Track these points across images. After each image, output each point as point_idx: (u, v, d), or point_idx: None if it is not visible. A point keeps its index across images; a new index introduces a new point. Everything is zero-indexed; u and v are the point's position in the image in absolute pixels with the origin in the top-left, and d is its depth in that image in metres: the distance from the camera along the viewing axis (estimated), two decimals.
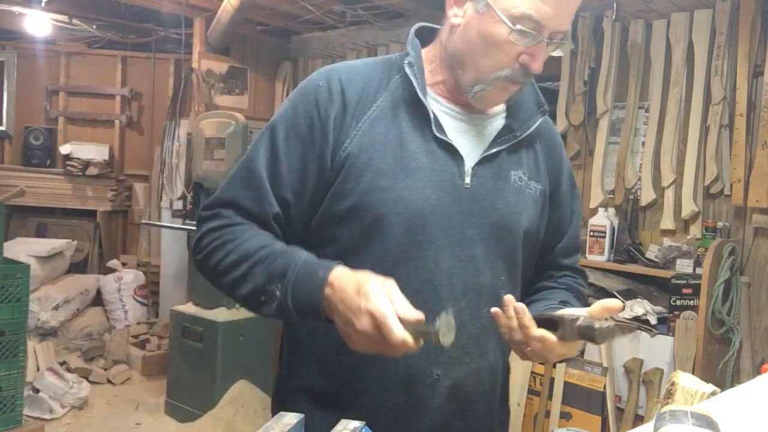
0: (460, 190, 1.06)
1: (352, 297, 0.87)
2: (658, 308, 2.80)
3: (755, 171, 2.67)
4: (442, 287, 1.04)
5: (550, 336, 0.95)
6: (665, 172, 2.96)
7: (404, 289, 0.92)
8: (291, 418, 0.72)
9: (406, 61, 1.08)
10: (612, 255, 3.00)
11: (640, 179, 3.06)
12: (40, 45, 4.97)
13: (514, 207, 1.11)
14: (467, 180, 1.07)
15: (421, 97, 1.06)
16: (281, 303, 0.94)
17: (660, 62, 2.99)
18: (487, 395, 1.14)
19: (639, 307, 2.79)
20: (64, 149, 4.93)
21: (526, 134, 1.13)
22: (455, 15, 1.07)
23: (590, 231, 3.05)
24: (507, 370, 1.22)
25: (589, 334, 0.91)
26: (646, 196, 3.02)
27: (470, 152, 1.09)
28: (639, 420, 2.76)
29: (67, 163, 4.90)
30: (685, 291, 2.68)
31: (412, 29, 1.16)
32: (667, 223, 2.94)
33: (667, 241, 2.90)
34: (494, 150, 1.10)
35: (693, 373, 0.96)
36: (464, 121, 1.11)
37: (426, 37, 1.15)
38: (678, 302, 2.70)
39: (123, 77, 5.12)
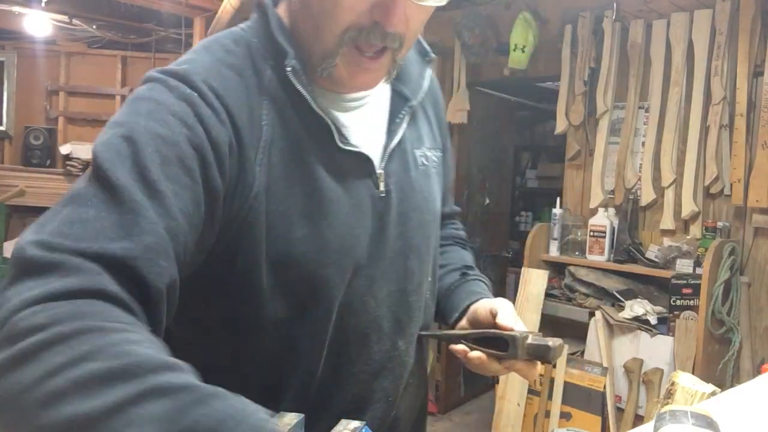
0: (377, 202, 0.85)
1: None
2: (658, 308, 2.80)
3: (755, 171, 2.67)
4: (384, 320, 0.88)
5: (485, 357, 0.87)
6: (665, 172, 2.96)
7: (347, 340, 0.83)
8: (291, 418, 0.72)
9: (289, 67, 0.76)
10: (612, 255, 3.00)
11: (640, 179, 3.06)
12: (40, 45, 4.96)
13: (429, 195, 0.94)
14: (381, 186, 0.85)
15: (317, 109, 0.78)
16: None
17: (660, 62, 2.99)
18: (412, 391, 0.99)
19: (639, 307, 2.79)
20: (64, 149, 4.93)
21: (419, 99, 0.91)
22: None
23: (590, 231, 3.05)
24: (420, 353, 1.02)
25: (541, 353, 0.85)
26: (646, 196, 3.02)
27: (372, 148, 0.86)
28: (639, 420, 2.76)
29: (67, 163, 4.90)
30: (685, 291, 2.68)
31: (256, 3, 0.84)
32: (667, 223, 2.94)
33: (667, 241, 2.90)
34: (398, 137, 0.88)
35: (693, 373, 0.96)
36: (349, 108, 0.84)
37: None
38: (678, 302, 2.70)
39: (123, 77, 5.11)
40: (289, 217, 0.76)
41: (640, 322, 2.78)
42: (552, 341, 0.85)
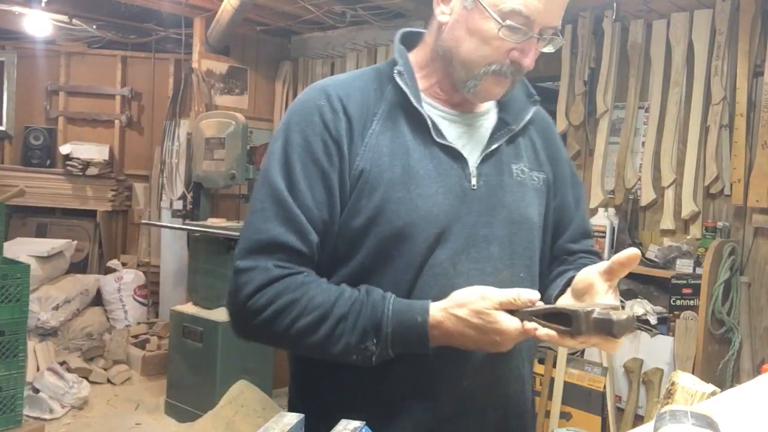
0: (468, 192, 1.06)
1: (478, 337, 0.93)
2: (658, 308, 2.80)
3: (755, 171, 2.67)
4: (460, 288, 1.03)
5: (555, 334, 0.91)
6: (665, 172, 2.96)
7: (424, 297, 0.98)
8: (291, 418, 0.72)
9: (395, 71, 1.07)
10: (612, 255, 2.99)
11: (640, 179, 3.06)
12: (40, 45, 4.96)
13: (521, 200, 1.11)
14: (473, 181, 1.06)
15: (416, 105, 1.05)
16: (380, 356, 0.96)
17: (660, 62, 2.99)
18: (519, 399, 1.13)
19: (639, 307, 2.79)
20: (64, 149, 4.93)
21: (521, 126, 1.13)
22: (442, 13, 1.06)
23: None
24: (531, 371, 1.22)
25: (606, 327, 0.83)
26: (646, 196, 3.02)
27: (471, 152, 1.09)
28: (639, 420, 2.76)
29: (67, 163, 4.90)
30: (685, 291, 2.68)
31: (397, 36, 1.15)
32: (667, 223, 2.94)
33: (667, 241, 2.90)
34: (493, 147, 1.09)
35: (693, 373, 0.96)
36: (459, 122, 1.11)
37: (412, 41, 1.15)
38: (678, 302, 2.70)
39: (123, 77, 5.12)
40: (390, 182, 1.02)
41: (640, 322, 2.78)
42: (617, 314, 0.83)
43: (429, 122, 1.05)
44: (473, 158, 1.08)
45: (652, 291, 2.94)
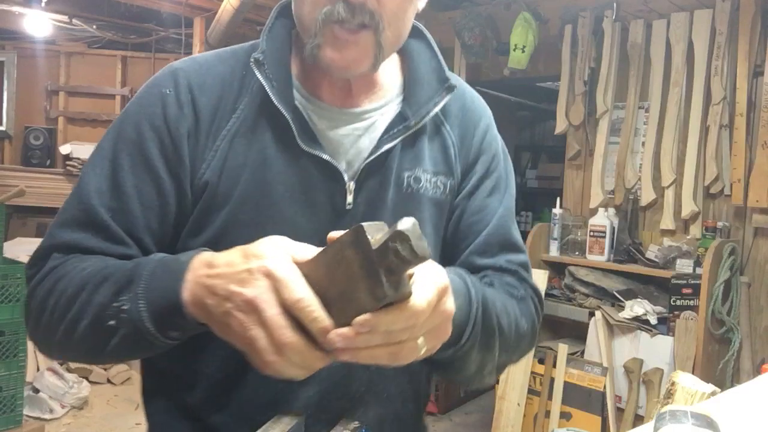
0: (341, 212, 0.85)
1: (236, 263, 0.63)
2: (658, 308, 2.80)
3: (755, 171, 2.67)
4: None
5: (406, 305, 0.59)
6: (665, 172, 2.96)
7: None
8: (291, 418, 0.72)
9: (252, 59, 0.83)
10: (612, 255, 3.00)
11: (640, 179, 3.06)
12: (40, 45, 4.96)
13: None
14: (349, 198, 0.85)
15: (276, 102, 0.82)
16: (132, 316, 0.69)
17: (660, 62, 2.99)
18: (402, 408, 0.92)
19: (639, 307, 2.79)
20: (64, 149, 4.93)
21: (423, 121, 0.88)
22: None
23: (590, 231, 3.05)
24: (421, 414, 0.98)
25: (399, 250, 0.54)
26: (646, 196, 3.02)
27: (354, 160, 0.87)
28: (639, 420, 2.77)
29: (67, 163, 4.90)
30: (685, 291, 2.69)
31: (275, 9, 0.90)
32: (667, 223, 2.94)
33: (667, 241, 2.90)
34: (381, 150, 0.86)
35: (693, 373, 0.96)
36: (344, 120, 0.88)
37: None
38: (678, 302, 2.70)
39: (123, 77, 5.11)
40: (239, 200, 0.82)
41: (640, 322, 2.78)
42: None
43: (294, 125, 0.83)
44: (354, 168, 0.86)
45: (652, 291, 2.94)
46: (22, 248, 4.15)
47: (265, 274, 0.60)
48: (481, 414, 3.96)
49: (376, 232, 0.56)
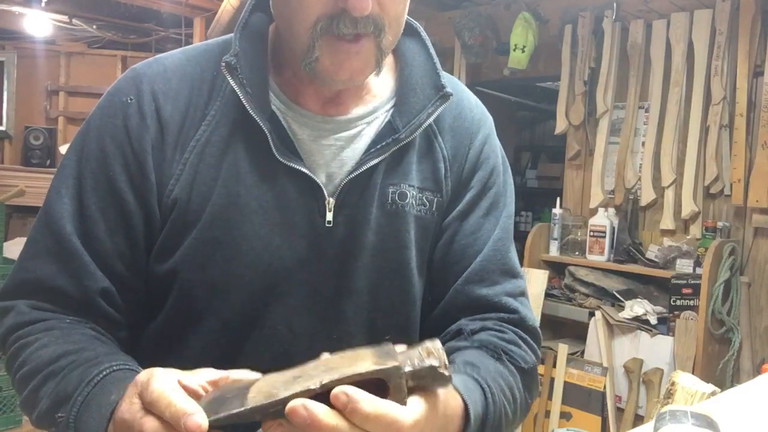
0: (320, 230, 0.78)
1: (129, 409, 0.58)
2: (658, 308, 2.80)
3: (755, 171, 2.67)
4: (300, 358, 0.69)
5: (392, 413, 0.54)
6: (665, 172, 2.96)
7: (255, 366, 0.67)
8: None
9: (223, 62, 0.75)
10: (612, 255, 3.00)
11: (640, 179, 3.06)
12: (40, 45, 4.96)
13: (393, 239, 0.81)
14: (329, 216, 0.78)
15: (250, 110, 0.75)
16: None
17: (660, 62, 2.99)
18: None
19: (639, 307, 2.79)
20: (64, 149, 4.91)
21: (414, 134, 0.81)
22: None
23: (590, 231, 3.05)
24: None
25: (435, 377, 0.56)
26: (646, 196, 3.02)
27: (335, 173, 0.80)
28: (639, 420, 2.77)
29: None
30: (685, 291, 2.69)
31: (249, 1, 0.82)
32: (667, 223, 2.94)
33: (667, 241, 2.90)
34: (366, 167, 0.78)
35: (693, 373, 0.96)
36: (328, 131, 0.80)
37: None
38: (678, 302, 2.70)
39: None
40: (211, 216, 0.76)
41: (640, 322, 2.78)
42: (436, 361, 0.56)
43: (270, 135, 0.76)
44: (336, 182, 0.79)
45: (652, 291, 2.94)
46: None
47: (147, 411, 0.56)
48: None
49: (401, 356, 0.56)
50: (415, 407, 0.56)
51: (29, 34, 4.77)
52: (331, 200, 0.78)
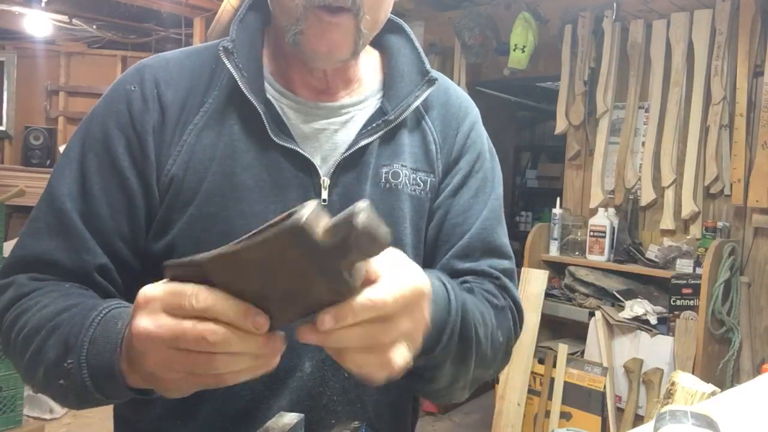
0: None
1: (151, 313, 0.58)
2: (658, 308, 2.80)
3: (755, 171, 2.67)
4: (293, 330, 0.77)
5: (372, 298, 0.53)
6: (665, 172, 2.96)
7: None
8: (291, 418, 0.72)
9: (220, 47, 0.81)
10: (612, 255, 3.00)
11: (640, 179, 3.06)
12: (40, 45, 4.96)
13: (387, 216, 0.83)
14: (324, 194, 0.82)
15: (246, 92, 0.80)
16: (78, 383, 0.66)
17: (660, 62, 2.99)
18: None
19: (639, 307, 2.79)
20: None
21: (402, 116, 0.86)
22: None
23: (590, 231, 3.05)
24: (399, 422, 0.93)
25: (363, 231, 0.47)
26: (646, 196, 3.02)
27: (329, 155, 0.84)
28: (639, 420, 2.77)
29: None
30: (685, 291, 2.69)
31: (246, 1, 0.88)
32: (667, 223, 2.94)
33: (667, 241, 2.90)
34: (360, 145, 0.83)
35: (693, 373, 0.96)
36: (320, 115, 0.85)
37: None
38: (678, 302, 2.70)
39: None
40: (206, 194, 0.79)
41: (640, 322, 2.78)
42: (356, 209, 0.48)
43: (265, 117, 0.80)
44: (330, 163, 0.84)
45: (652, 291, 2.94)
46: None
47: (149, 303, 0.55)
48: (481, 414, 3.96)
49: (316, 220, 0.47)
50: (382, 282, 0.54)
51: (29, 34, 4.77)
52: (326, 179, 0.82)
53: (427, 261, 0.89)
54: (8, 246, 3.76)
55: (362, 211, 0.47)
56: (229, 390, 0.74)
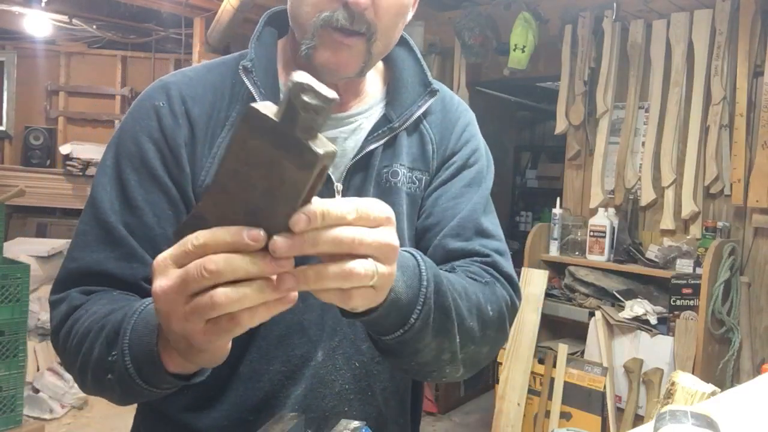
0: None
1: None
2: (658, 308, 2.80)
3: (755, 171, 2.67)
4: (312, 328, 0.88)
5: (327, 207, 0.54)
6: (665, 172, 2.96)
7: (269, 336, 0.84)
8: (291, 417, 0.72)
9: (240, 66, 0.88)
10: (612, 255, 3.00)
11: (640, 179, 3.06)
12: (40, 45, 4.96)
13: None
14: (338, 198, 0.88)
15: None
16: (122, 372, 0.68)
17: (660, 62, 2.99)
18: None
19: (639, 307, 2.79)
20: (64, 149, 4.93)
21: (406, 124, 0.93)
22: None
23: (590, 231, 3.05)
24: (406, 412, 0.99)
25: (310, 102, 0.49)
26: (646, 196, 3.02)
27: (339, 162, 0.90)
28: (639, 420, 2.77)
29: (67, 163, 4.90)
30: (685, 291, 2.69)
31: (264, 17, 0.95)
32: (667, 223, 2.94)
33: (667, 241, 2.90)
34: (365, 152, 0.90)
35: (693, 373, 0.96)
36: (332, 125, 0.91)
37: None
38: (678, 302, 2.70)
39: (123, 77, 5.11)
40: None
41: (640, 322, 2.78)
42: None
43: None
44: (340, 169, 0.90)
45: (652, 291, 2.94)
46: (22, 248, 4.16)
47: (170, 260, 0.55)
48: (481, 414, 3.96)
49: (265, 108, 0.50)
50: (351, 197, 0.56)
51: (29, 34, 4.77)
52: (339, 185, 0.89)
53: (417, 243, 0.93)
54: (8, 246, 3.76)
55: (296, 72, 0.49)
56: (249, 380, 0.85)
